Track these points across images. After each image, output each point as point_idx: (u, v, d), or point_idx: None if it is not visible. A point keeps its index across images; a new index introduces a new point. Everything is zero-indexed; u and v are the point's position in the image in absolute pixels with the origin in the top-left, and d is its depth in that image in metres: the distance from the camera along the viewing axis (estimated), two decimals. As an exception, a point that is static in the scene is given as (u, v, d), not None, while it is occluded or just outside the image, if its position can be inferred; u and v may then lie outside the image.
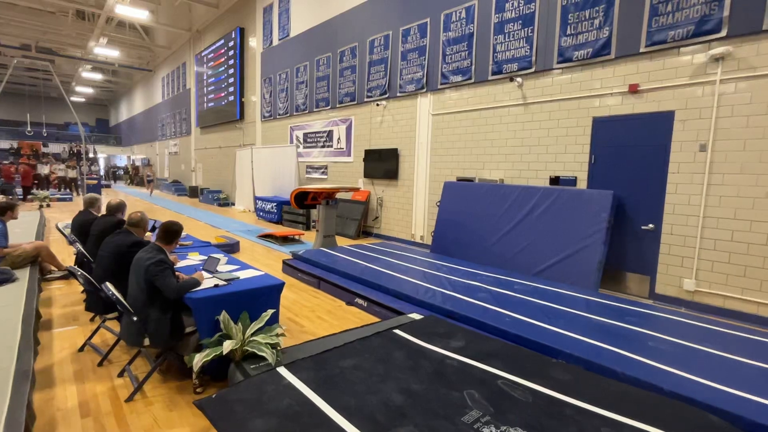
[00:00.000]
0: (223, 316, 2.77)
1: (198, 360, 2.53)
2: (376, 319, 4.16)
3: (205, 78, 18.10)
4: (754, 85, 4.34)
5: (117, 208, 4.13)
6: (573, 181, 5.80)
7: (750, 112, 4.37)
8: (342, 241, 8.13)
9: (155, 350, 3.03)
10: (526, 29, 6.25)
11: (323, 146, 11.04)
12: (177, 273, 3.00)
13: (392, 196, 8.92)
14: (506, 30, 6.51)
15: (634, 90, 5.19)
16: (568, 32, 5.76)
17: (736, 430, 2.09)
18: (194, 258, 3.94)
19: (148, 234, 4.90)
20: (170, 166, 24.07)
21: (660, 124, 5.00)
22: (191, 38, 19.39)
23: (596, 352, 2.96)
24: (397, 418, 2.06)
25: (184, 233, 5.34)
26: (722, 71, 4.53)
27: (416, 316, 3.67)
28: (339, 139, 10.42)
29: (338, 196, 9.06)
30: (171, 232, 3.05)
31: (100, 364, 3.12)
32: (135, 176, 28.54)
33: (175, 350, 2.94)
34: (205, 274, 3.21)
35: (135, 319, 2.72)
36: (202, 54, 18.07)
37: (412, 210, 8.42)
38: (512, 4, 6.41)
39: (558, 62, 5.91)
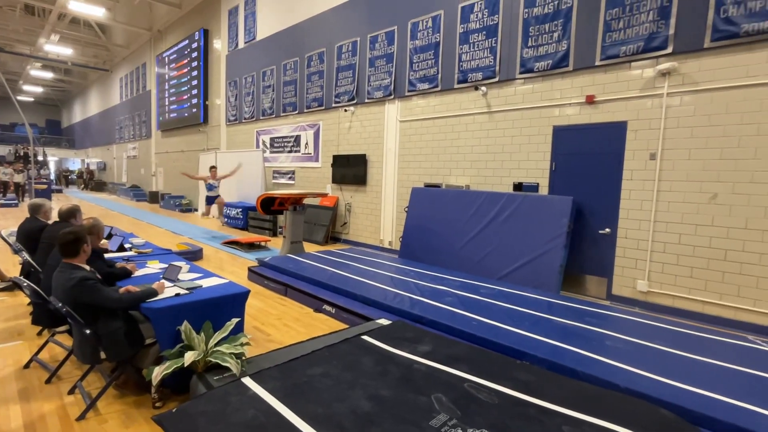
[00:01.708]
0: (185, 326, 2.67)
1: (157, 373, 2.42)
2: (345, 326, 4.13)
3: (166, 79, 17.50)
4: (697, 99, 4.67)
5: (70, 214, 3.86)
6: (535, 188, 6.01)
7: (694, 124, 4.69)
8: (310, 248, 8.03)
9: (110, 364, 2.88)
10: (490, 40, 6.45)
11: (291, 151, 10.91)
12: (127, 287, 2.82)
13: (361, 202, 8.92)
14: (471, 40, 6.69)
15: (590, 101, 5.46)
16: (530, 44, 6.00)
17: (684, 423, 2.21)
18: (154, 266, 3.78)
19: (104, 242, 4.68)
20: (129, 171, 23.03)
21: (614, 134, 5.28)
22: (152, 38, 18.73)
23: (558, 353, 3.07)
24: (365, 425, 2.05)
25: (142, 240, 5.16)
26: (669, 85, 4.84)
27: (384, 322, 3.68)
28: (307, 144, 10.33)
29: (306, 201, 8.95)
30: (67, 244, 2.61)
31: (48, 381, 2.93)
32: (90, 180, 27.09)
33: (133, 363, 2.80)
34: (165, 282, 3.08)
35: (88, 332, 2.57)
36: (164, 55, 17.48)
37: (380, 216, 8.45)
38: (477, 15, 6.61)
39: (520, 72, 6.13)
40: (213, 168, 11.27)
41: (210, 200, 11.32)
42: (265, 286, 5.60)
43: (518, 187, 6.17)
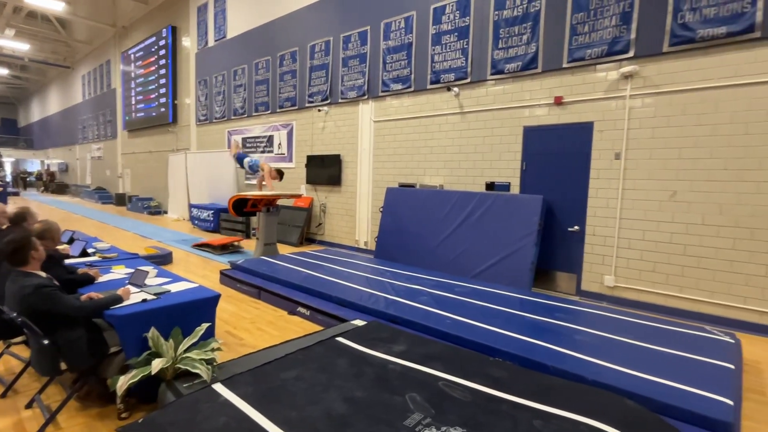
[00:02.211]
0: (152, 333, 2.58)
1: (123, 382, 2.33)
2: (320, 328, 4.09)
3: (133, 77, 16.90)
4: (657, 101, 4.88)
5: (20, 218, 3.61)
6: (507, 187, 6.13)
7: (654, 125, 4.90)
8: (284, 249, 7.93)
9: (72, 375, 2.75)
10: (461, 41, 6.54)
11: (263, 151, 10.73)
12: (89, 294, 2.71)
13: (336, 203, 8.87)
14: (443, 41, 6.76)
15: (559, 102, 5.61)
16: (500, 46, 6.11)
17: (646, 411, 2.31)
18: (119, 272, 3.64)
19: (65, 246, 4.47)
20: (93, 172, 22.10)
21: (582, 134, 5.45)
22: (116, 34, 18.04)
23: (529, 349, 3.14)
24: (339, 427, 2.03)
25: (106, 244, 4.95)
26: (631, 87, 5.04)
27: (359, 323, 3.67)
28: (280, 144, 10.19)
29: (280, 202, 8.83)
30: (11, 254, 2.45)
31: (3, 396, 2.77)
32: (50, 183, 25.84)
33: (97, 373, 2.69)
34: (131, 288, 2.97)
35: (46, 342, 2.45)
36: (129, 52, 16.88)
37: (355, 216, 8.43)
38: (448, 16, 6.68)
39: (491, 74, 6.24)
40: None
41: None
42: (237, 290, 5.49)
43: (490, 186, 6.28)
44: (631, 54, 5.00)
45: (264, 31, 10.39)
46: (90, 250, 4.51)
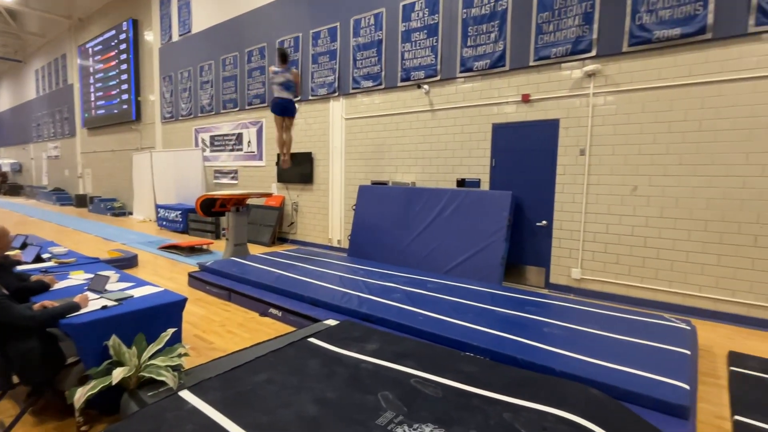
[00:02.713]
0: (113, 341, 2.47)
1: (80, 394, 2.22)
2: (292, 329, 4.04)
3: (91, 73, 16.12)
4: (618, 99, 5.06)
5: None
6: (477, 183, 6.22)
7: (616, 122, 5.08)
8: (256, 249, 7.78)
9: (27, 388, 2.60)
10: (431, 39, 6.57)
11: (232, 150, 10.48)
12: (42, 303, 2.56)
13: (308, 201, 8.77)
14: (413, 39, 6.78)
15: (526, 99, 5.73)
16: (469, 44, 6.18)
17: (610, 399, 2.40)
18: (78, 277, 3.47)
19: (16, 251, 4.22)
20: (50, 172, 20.98)
21: (548, 131, 5.59)
22: (72, 27, 17.16)
23: (500, 342, 3.20)
24: (311, 429, 2.01)
25: (64, 248, 4.72)
26: (594, 86, 5.20)
27: (332, 322, 3.64)
28: (249, 142, 9.97)
29: (250, 201, 8.65)
30: None
31: (-50, 413, 2.60)
32: (2, 184, 24.36)
33: (54, 385, 2.55)
34: (90, 294, 2.84)
35: (-4, 354, 2.31)
36: (87, 46, 16.08)
37: (328, 214, 8.36)
38: (417, 14, 6.70)
39: (461, 71, 6.31)
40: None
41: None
42: (207, 292, 5.34)
43: (461, 183, 6.35)
44: (593, 53, 5.16)
45: (231, 26, 10.11)
46: (45, 256, 4.28)
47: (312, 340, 3.13)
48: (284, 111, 6.47)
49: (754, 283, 4.37)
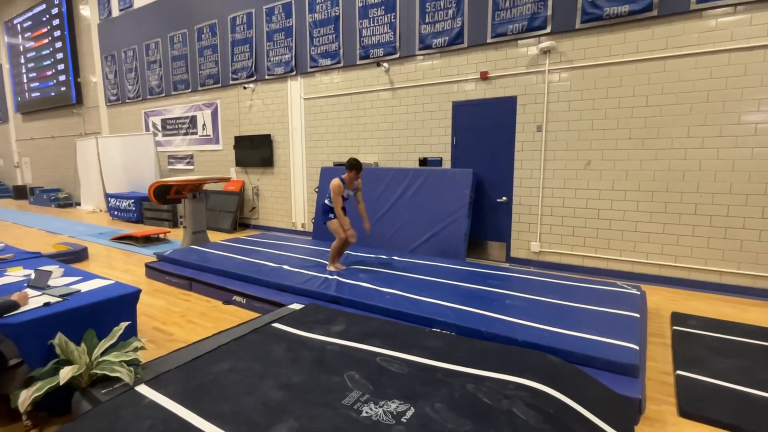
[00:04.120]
0: (59, 339, 2.32)
1: (24, 397, 2.08)
2: (257, 315, 3.95)
3: (22, 51, 14.75)
4: (572, 75, 5.18)
5: None
6: (439, 162, 6.25)
7: (570, 98, 5.21)
8: (217, 237, 7.53)
9: (-36, 395, 2.41)
10: (389, 15, 6.43)
11: (186, 133, 9.98)
12: None
13: (269, 185, 8.54)
14: (371, 15, 6.61)
15: (484, 77, 5.76)
16: (427, 20, 6.10)
17: (567, 364, 2.51)
18: (16, 274, 3.22)
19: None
20: (-18, 163, 19.24)
21: (507, 108, 5.66)
22: (-4, 1, 15.53)
23: (464, 317, 3.28)
24: (276, 415, 1.98)
25: (0, 244, 4.35)
26: (549, 62, 5.29)
27: (297, 306, 3.59)
28: (204, 125, 9.52)
29: (209, 187, 8.32)
30: None
31: None
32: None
33: (-5, 390, 2.38)
34: (30, 292, 2.64)
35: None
36: (15, 22, 14.65)
37: (290, 198, 8.18)
38: (375, -11, 6.51)
39: (420, 49, 6.23)
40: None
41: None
42: (166, 282, 5.13)
43: (423, 162, 6.36)
44: (548, 30, 5.23)
45: (177, 1, 9.47)
46: (-21, 252, 3.94)
47: (276, 325, 3.08)
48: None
49: (694, 248, 4.69)
